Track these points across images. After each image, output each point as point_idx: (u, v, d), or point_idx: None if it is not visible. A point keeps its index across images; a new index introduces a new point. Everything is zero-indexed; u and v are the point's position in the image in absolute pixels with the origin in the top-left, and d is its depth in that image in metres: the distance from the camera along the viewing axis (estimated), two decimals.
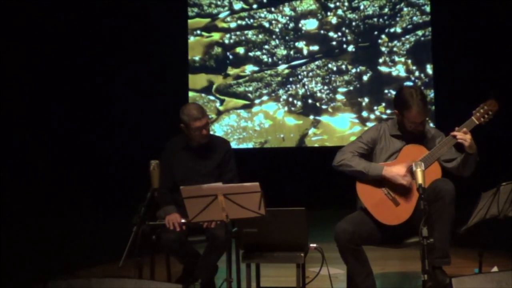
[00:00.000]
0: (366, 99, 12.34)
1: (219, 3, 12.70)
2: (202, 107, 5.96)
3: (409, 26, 12.29)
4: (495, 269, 5.93)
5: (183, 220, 5.44)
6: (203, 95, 12.65)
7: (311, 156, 12.21)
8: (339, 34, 12.45)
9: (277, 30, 12.55)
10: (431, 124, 11.65)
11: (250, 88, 12.57)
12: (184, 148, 5.94)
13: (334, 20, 12.46)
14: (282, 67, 12.54)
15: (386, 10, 12.34)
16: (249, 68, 12.61)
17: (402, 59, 12.29)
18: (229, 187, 4.70)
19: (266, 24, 12.58)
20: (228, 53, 12.68)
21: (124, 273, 4.58)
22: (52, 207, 11.44)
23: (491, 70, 11.40)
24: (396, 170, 5.17)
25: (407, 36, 12.28)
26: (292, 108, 12.49)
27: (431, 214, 4.78)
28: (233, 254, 5.08)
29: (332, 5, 12.46)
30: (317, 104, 12.44)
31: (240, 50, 12.64)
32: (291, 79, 12.51)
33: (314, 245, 5.13)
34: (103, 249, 8.13)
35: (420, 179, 4.49)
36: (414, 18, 12.27)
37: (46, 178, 11.92)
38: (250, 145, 12.50)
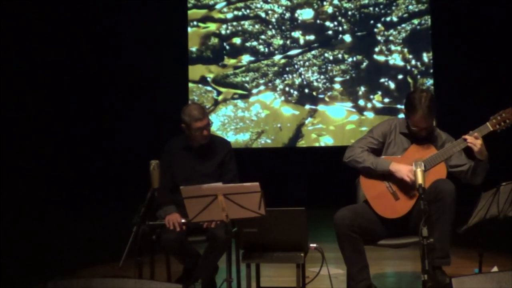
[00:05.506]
0: (363, 88, 12.33)
1: None
2: (203, 107, 5.98)
3: (405, 15, 12.27)
4: (495, 269, 5.93)
5: (183, 220, 5.45)
6: (200, 85, 12.64)
7: (311, 156, 12.24)
8: (335, 23, 12.44)
9: (273, 20, 12.53)
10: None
11: (247, 78, 12.56)
12: (184, 148, 5.94)
13: (330, 10, 12.44)
14: (278, 57, 12.53)
15: None
16: (246, 58, 12.60)
17: (399, 48, 12.29)
18: (229, 187, 4.71)
19: (263, 14, 12.56)
20: (224, 44, 12.67)
21: (124, 273, 4.59)
22: (52, 207, 11.48)
23: (492, 61, 11.43)
24: (404, 167, 5.17)
25: (403, 25, 12.27)
26: (289, 98, 12.49)
27: (432, 214, 4.79)
28: (233, 254, 5.10)
29: None
30: (314, 93, 12.43)
31: (237, 40, 12.63)
32: (287, 68, 12.50)
33: (314, 245, 5.11)
34: (103, 249, 8.15)
35: (420, 179, 4.50)
36: (410, 7, 12.25)
37: (46, 178, 11.92)
38: (247, 135, 12.50)
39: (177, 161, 5.91)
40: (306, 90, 12.45)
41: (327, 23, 12.46)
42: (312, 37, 12.50)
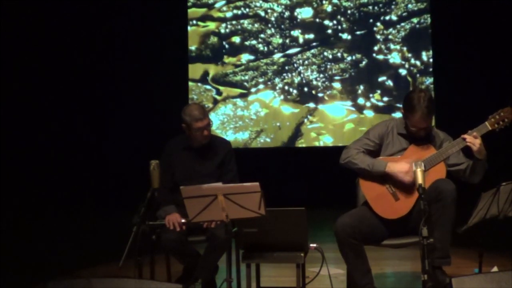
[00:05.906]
0: (362, 87, 12.33)
1: None
2: (203, 107, 5.98)
3: (404, 14, 12.27)
4: (495, 269, 5.92)
5: (183, 220, 5.44)
6: (199, 84, 12.65)
7: (311, 156, 12.22)
8: (335, 22, 12.44)
9: (272, 19, 12.53)
10: None
11: (246, 77, 12.57)
12: (184, 148, 5.93)
13: (329, 8, 12.44)
14: (277, 56, 12.53)
15: None
16: (245, 57, 12.60)
17: (398, 47, 12.28)
18: (229, 187, 4.69)
19: (262, 13, 12.56)
20: (224, 43, 12.67)
21: (124, 273, 4.58)
22: (52, 207, 11.43)
23: (491, 60, 11.43)
24: (399, 167, 5.15)
25: (403, 24, 12.27)
26: (288, 97, 12.49)
27: (432, 214, 4.78)
28: (233, 254, 5.10)
29: None
30: (313, 92, 12.44)
31: (236, 39, 12.63)
32: (287, 67, 12.51)
33: (314, 245, 5.11)
34: (103, 249, 8.11)
35: (420, 179, 4.49)
36: (409, 5, 12.25)
37: (46, 178, 11.88)
38: (246, 134, 12.50)
39: (177, 161, 5.90)
40: (306, 89, 12.45)
41: (326, 22, 12.46)
42: (311, 36, 12.50)
